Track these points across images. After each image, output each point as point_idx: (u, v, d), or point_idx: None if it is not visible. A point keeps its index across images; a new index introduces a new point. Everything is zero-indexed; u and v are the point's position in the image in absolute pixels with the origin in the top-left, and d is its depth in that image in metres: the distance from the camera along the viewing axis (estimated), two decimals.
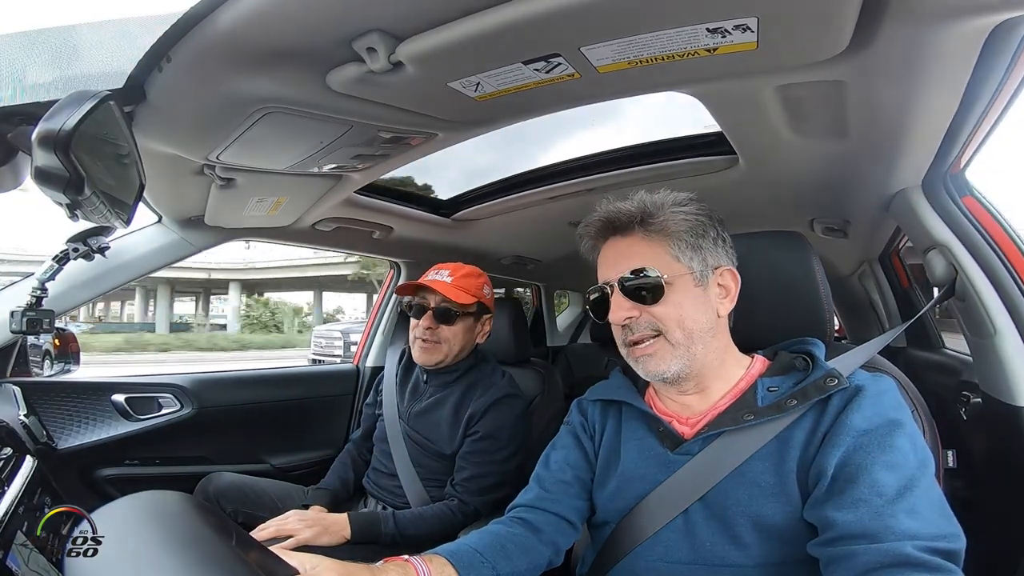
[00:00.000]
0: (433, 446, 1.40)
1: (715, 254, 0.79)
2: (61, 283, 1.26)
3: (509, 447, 1.35)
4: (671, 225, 0.77)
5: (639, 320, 0.77)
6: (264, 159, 1.12)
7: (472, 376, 1.46)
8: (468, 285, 1.42)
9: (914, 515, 0.60)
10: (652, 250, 0.77)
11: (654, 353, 0.77)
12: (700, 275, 0.77)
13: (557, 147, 1.80)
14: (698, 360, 0.77)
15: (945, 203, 1.13)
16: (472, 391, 1.42)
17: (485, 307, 1.47)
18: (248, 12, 0.67)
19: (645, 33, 0.71)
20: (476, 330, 1.47)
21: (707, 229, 0.79)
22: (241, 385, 1.85)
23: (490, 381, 1.43)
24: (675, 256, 0.77)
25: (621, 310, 0.77)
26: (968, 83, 0.79)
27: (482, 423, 1.35)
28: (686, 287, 0.76)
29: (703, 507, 0.74)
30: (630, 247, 0.79)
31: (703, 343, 0.76)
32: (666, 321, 0.76)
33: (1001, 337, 1.02)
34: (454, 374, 1.46)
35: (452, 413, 1.40)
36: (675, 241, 0.77)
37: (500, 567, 0.78)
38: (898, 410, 0.69)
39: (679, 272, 0.76)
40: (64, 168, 0.61)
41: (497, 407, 1.36)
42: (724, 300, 0.79)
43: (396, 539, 1.23)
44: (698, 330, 0.76)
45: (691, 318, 0.76)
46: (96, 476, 1.52)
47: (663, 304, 0.76)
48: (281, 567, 0.63)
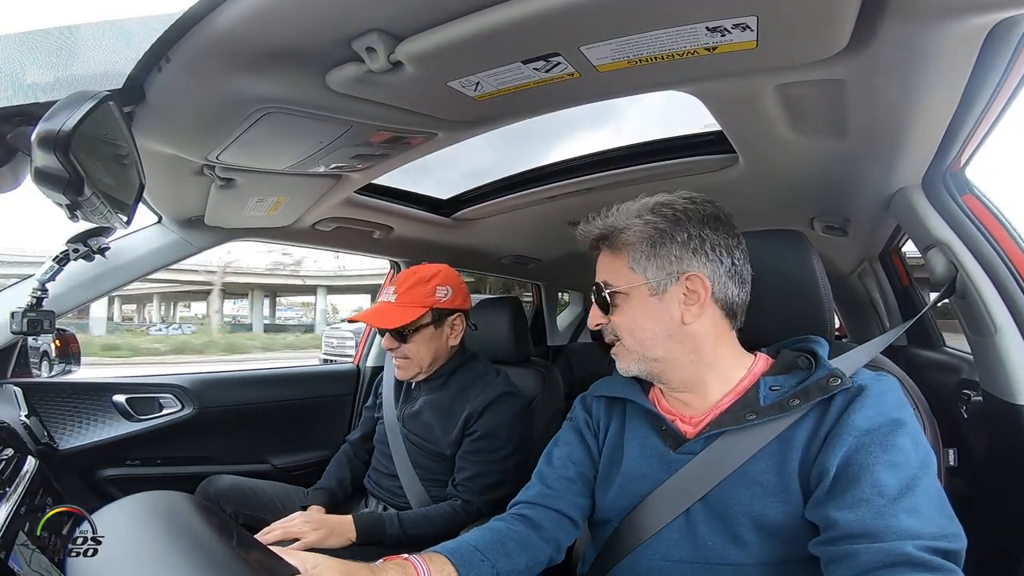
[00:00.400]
0: (431, 447, 1.40)
1: (679, 260, 0.77)
2: (61, 284, 1.26)
3: (508, 445, 1.35)
4: (628, 237, 0.79)
5: (607, 326, 0.83)
6: (264, 159, 1.12)
7: (463, 377, 1.45)
8: (414, 297, 1.38)
9: (915, 515, 0.60)
10: (613, 264, 0.81)
11: (618, 355, 0.84)
12: (656, 284, 0.77)
13: (557, 147, 1.80)
14: (660, 364, 0.79)
15: (945, 201, 1.13)
16: (467, 391, 1.41)
17: (444, 311, 1.41)
18: (247, 12, 0.67)
19: (645, 32, 0.71)
20: (444, 334, 1.43)
21: (669, 236, 0.77)
22: (242, 385, 1.85)
23: (485, 380, 1.43)
24: (631, 267, 0.79)
25: (595, 317, 0.85)
26: (968, 81, 0.79)
27: (480, 422, 1.35)
28: (640, 297, 0.79)
29: (705, 506, 0.74)
30: (601, 261, 0.84)
31: (663, 348, 0.79)
32: (620, 329, 0.81)
33: (1002, 335, 1.02)
34: (440, 379, 1.45)
35: (446, 415, 1.40)
36: (632, 252, 0.79)
37: (500, 565, 0.78)
38: (901, 409, 0.69)
39: (634, 283, 0.79)
40: (64, 169, 0.61)
41: (495, 406, 1.36)
42: (692, 306, 0.77)
43: (401, 540, 1.22)
44: (649, 338, 0.79)
45: (640, 327, 0.79)
46: (97, 476, 1.53)
47: (616, 314, 0.81)
48: (282, 567, 0.63)
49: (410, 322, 1.36)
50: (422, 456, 1.41)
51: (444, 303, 1.40)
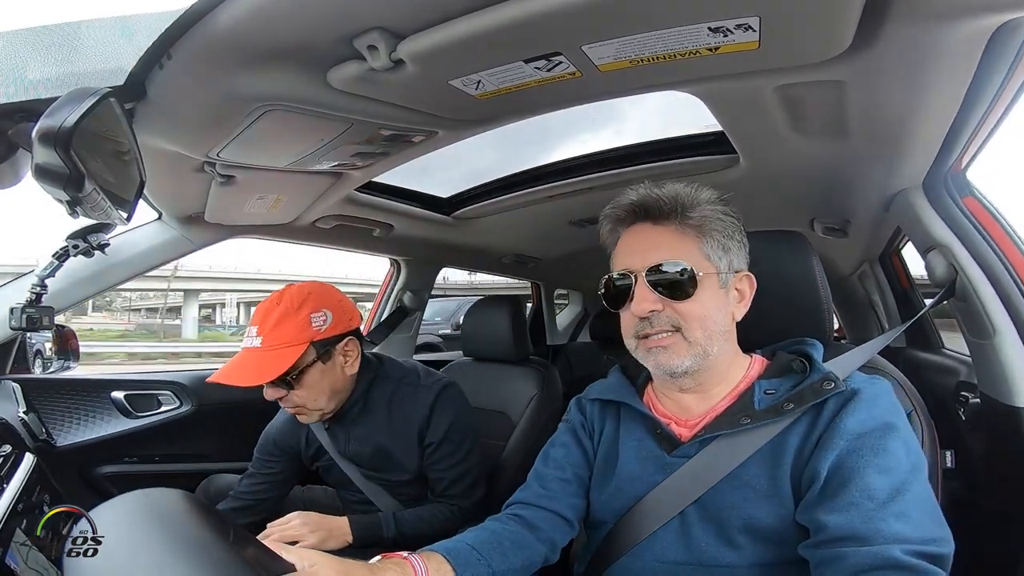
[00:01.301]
0: (399, 476, 1.30)
1: (739, 257, 0.78)
2: (61, 280, 1.26)
3: (468, 439, 1.30)
4: (708, 222, 0.75)
5: (661, 314, 0.74)
6: (265, 156, 1.12)
7: (381, 392, 1.29)
8: (284, 335, 1.12)
9: (904, 519, 0.60)
10: (684, 244, 0.75)
11: (668, 347, 0.74)
12: (724, 277, 0.76)
13: (558, 148, 1.79)
14: (710, 360, 0.76)
15: (946, 203, 1.13)
16: (401, 405, 1.28)
17: (328, 340, 1.17)
18: (249, 9, 0.67)
19: (647, 32, 0.71)
20: (337, 364, 1.20)
21: (735, 231, 0.78)
22: None
23: (410, 386, 1.30)
24: (706, 254, 0.75)
25: (646, 302, 0.73)
26: (970, 84, 0.79)
27: (432, 431, 1.26)
28: (712, 286, 0.75)
29: (698, 509, 0.74)
30: (661, 236, 0.76)
31: (718, 345, 0.76)
32: (689, 319, 0.73)
33: (1001, 338, 1.02)
34: (356, 407, 1.27)
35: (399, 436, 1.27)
36: (708, 238, 0.75)
37: (496, 564, 0.78)
38: (893, 413, 0.69)
39: (708, 270, 0.74)
40: (64, 165, 0.61)
41: (438, 409, 1.27)
42: (739, 304, 0.79)
43: (398, 540, 1.20)
44: (717, 331, 0.75)
45: (712, 319, 0.74)
46: (95, 473, 1.53)
47: (691, 301, 0.73)
48: (278, 564, 0.63)
49: (287, 370, 1.11)
50: (398, 487, 1.32)
51: (325, 332, 1.16)
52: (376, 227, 1.79)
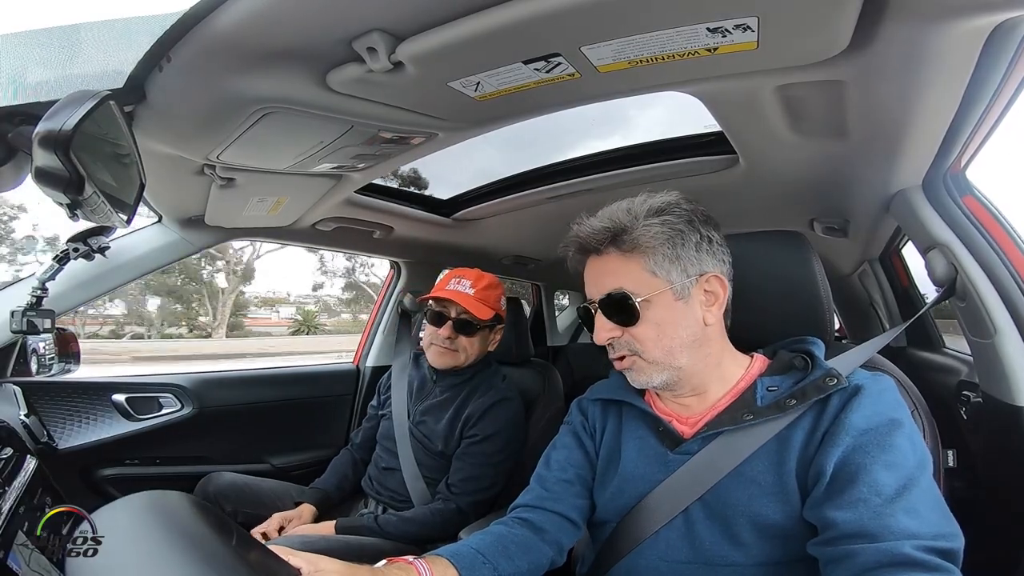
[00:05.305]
0: (432, 445, 1.43)
1: (698, 261, 0.76)
2: (61, 283, 1.26)
3: (505, 450, 1.38)
4: (645, 240, 0.74)
5: (620, 339, 0.77)
6: (264, 159, 1.12)
7: (478, 378, 1.50)
8: (488, 298, 1.45)
9: (913, 514, 0.60)
10: (627, 268, 0.76)
11: (631, 368, 0.78)
12: (680, 287, 0.75)
13: (559, 149, 1.80)
14: (685, 370, 0.77)
15: (945, 203, 1.13)
16: (474, 392, 1.46)
17: (500, 318, 1.51)
18: (248, 12, 0.67)
19: (645, 33, 0.71)
20: (490, 339, 1.52)
21: (687, 236, 0.76)
22: (241, 385, 1.85)
23: (490, 384, 1.47)
24: (651, 271, 0.75)
25: (603, 331, 0.78)
26: (968, 83, 0.79)
27: (479, 426, 1.38)
28: (665, 303, 0.75)
29: (703, 506, 0.74)
30: (605, 265, 0.78)
31: (688, 355, 0.76)
32: (643, 342, 0.76)
33: (1001, 337, 1.02)
34: (462, 376, 1.50)
35: (453, 414, 1.43)
36: (651, 255, 0.75)
37: (501, 567, 0.78)
38: (897, 409, 0.69)
39: (656, 288, 0.75)
40: (64, 168, 0.61)
41: (494, 410, 1.40)
42: (712, 307, 0.77)
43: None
44: (679, 345, 0.75)
45: (670, 335, 0.75)
46: (97, 476, 1.53)
47: (640, 325, 0.75)
48: (282, 567, 0.62)
49: (486, 318, 1.43)
50: (424, 453, 1.43)
51: (504, 312, 1.52)
52: (376, 229, 1.79)
